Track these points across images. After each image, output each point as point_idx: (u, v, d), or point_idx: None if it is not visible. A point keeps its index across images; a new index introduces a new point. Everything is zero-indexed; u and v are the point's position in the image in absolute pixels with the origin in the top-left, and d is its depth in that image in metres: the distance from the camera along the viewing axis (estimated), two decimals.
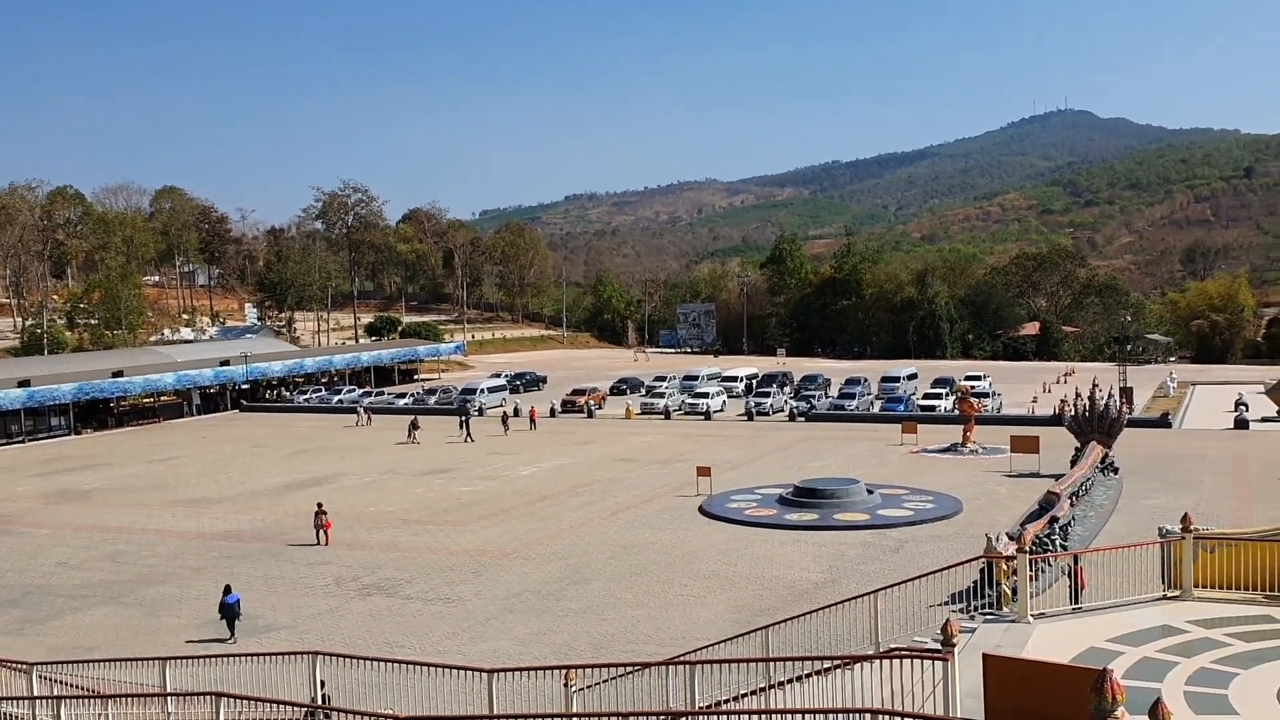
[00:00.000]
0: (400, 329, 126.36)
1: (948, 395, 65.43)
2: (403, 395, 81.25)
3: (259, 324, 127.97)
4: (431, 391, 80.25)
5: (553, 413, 68.91)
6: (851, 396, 68.82)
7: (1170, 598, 18.87)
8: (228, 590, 25.31)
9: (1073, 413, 43.64)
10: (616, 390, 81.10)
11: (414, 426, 58.23)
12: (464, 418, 60.23)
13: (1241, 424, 55.63)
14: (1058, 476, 36.46)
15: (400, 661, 18.10)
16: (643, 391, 78.04)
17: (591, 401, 71.22)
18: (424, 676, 17.38)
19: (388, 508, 40.10)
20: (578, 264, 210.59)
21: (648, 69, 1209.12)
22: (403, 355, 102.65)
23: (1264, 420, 57.31)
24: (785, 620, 18.91)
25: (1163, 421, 57.57)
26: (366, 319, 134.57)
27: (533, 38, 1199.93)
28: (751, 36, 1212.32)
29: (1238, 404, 60.01)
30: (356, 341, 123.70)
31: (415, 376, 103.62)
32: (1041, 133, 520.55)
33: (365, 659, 17.76)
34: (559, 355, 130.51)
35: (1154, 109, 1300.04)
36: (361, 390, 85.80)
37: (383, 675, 17.80)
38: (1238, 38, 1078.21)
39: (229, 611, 24.79)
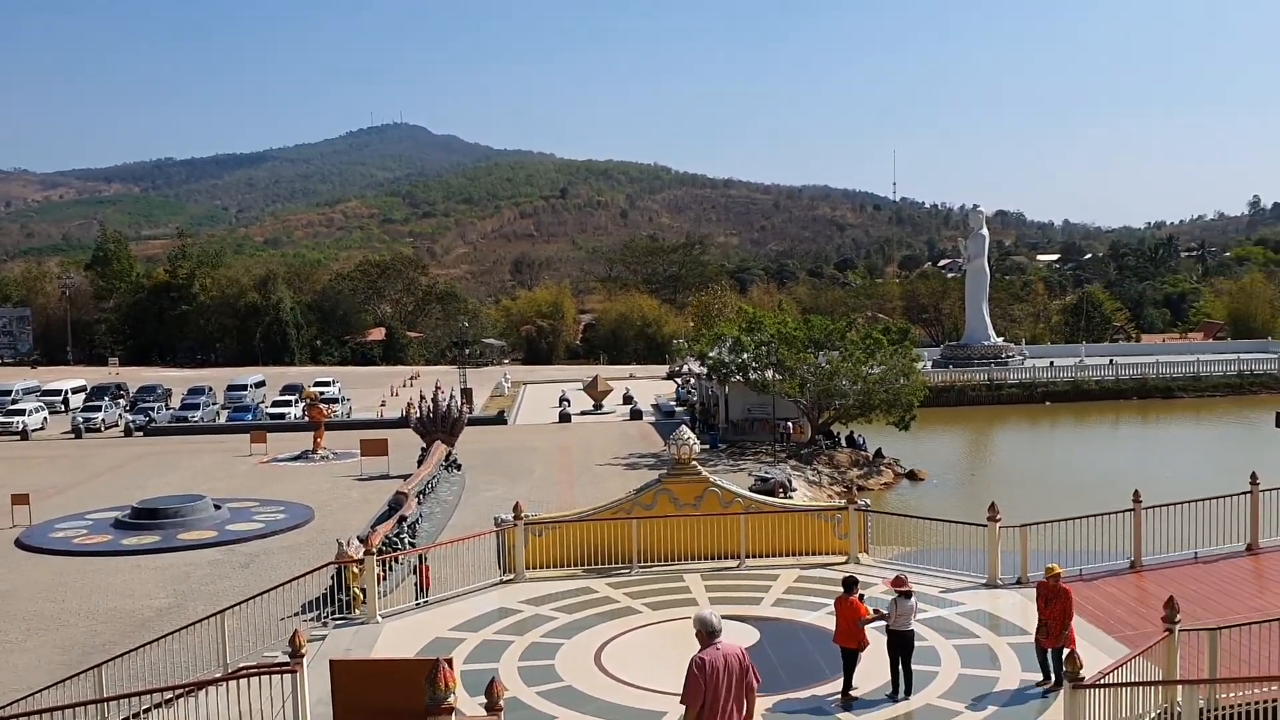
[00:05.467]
0: None
1: (297, 402, 64.92)
2: None
3: None
4: None
5: None
6: (195, 407, 65.52)
7: (506, 581, 20.50)
8: None
9: (418, 414, 45.58)
10: None
11: None
12: None
13: (565, 417, 62.34)
14: (406, 476, 37.76)
15: None
16: None
17: None
18: None
19: None
20: None
21: None
22: None
23: (583, 413, 64.85)
24: (123, 654, 17.42)
25: (499, 419, 62.54)
26: None
27: None
28: (63, 19, 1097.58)
29: (561, 400, 67.31)
30: None
31: None
32: (380, 144, 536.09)
33: None
34: None
35: (481, 129, 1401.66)
36: None
37: None
38: (545, 64, 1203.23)
39: None
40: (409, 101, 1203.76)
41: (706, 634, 10.03)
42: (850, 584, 14.98)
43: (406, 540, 27.57)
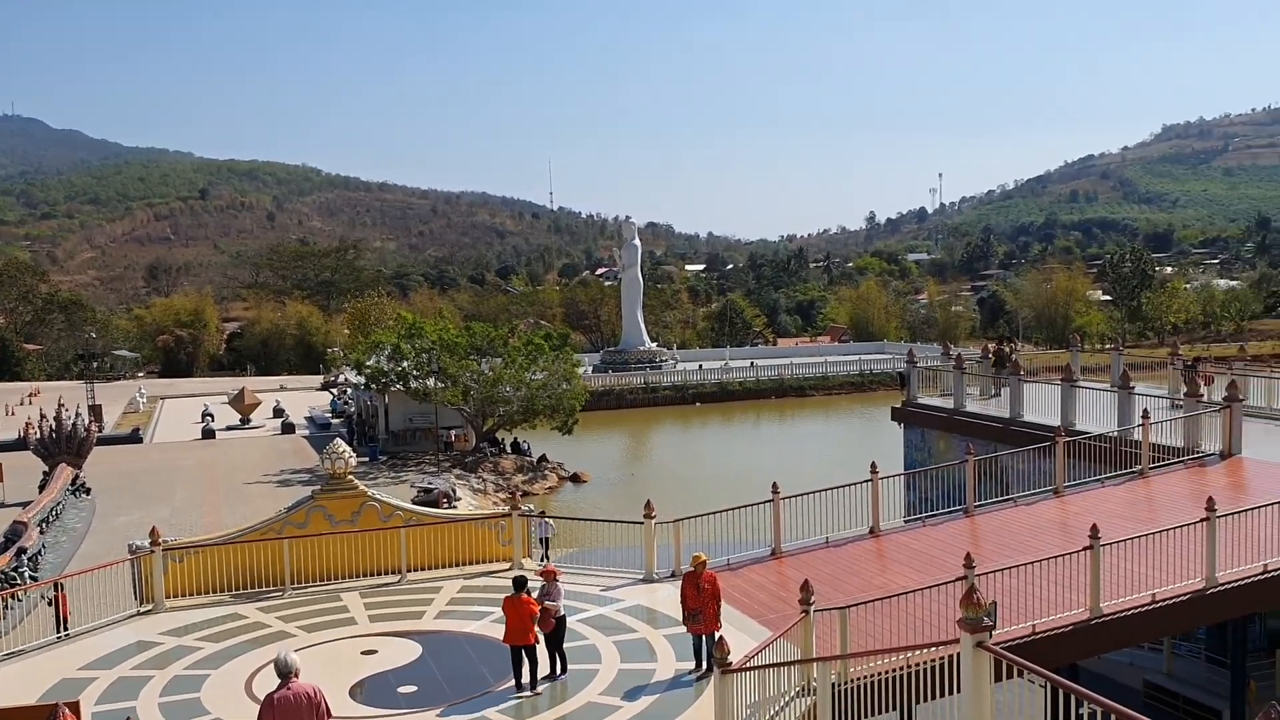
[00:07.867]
0: None
1: None
2: None
3: None
4: None
5: None
6: None
7: (144, 613, 18.99)
8: None
9: (39, 435, 41.91)
10: None
11: None
12: None
13: (209, 434, 58.66)
14: (25, 504, 34.69)
15: None
16: None
17: None
18: None
19: None
20: None
21: None
22: None
23: (229, 428, 61.25)
24: None
25: (134, 437, 57.96)
26: None
27: None
28: None
29: (204, 415, 63.26)
30: None
31: None
32: None
33: None
34: None
35: (108, 124, 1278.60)
36: None
37: None
38: (179, 55, 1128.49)
39: None
40: (22, 92, 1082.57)
41: (280, 674, 10.87)
42: (520, 583, 15.14)
43: (26, 574, 25.01)
